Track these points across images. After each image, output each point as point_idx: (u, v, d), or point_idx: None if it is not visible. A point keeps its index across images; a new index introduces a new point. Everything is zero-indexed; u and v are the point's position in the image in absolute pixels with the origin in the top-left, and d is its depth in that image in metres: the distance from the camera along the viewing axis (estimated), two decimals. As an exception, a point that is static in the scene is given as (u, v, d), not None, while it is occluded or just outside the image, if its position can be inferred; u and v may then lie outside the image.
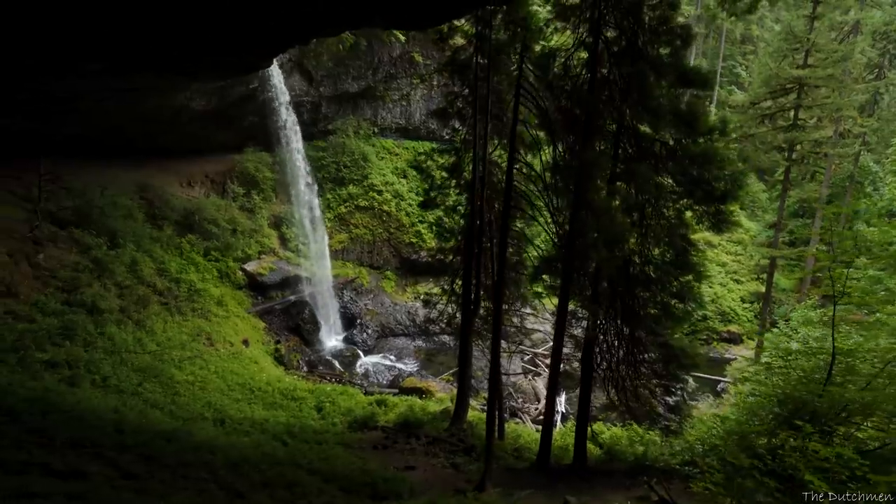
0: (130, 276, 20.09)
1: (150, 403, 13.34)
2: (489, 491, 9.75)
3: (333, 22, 10.71)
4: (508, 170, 11.16)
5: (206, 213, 26.39)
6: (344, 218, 32.51)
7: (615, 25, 11.36)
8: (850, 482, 4.89)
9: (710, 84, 11.13)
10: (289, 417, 15.23)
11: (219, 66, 12.48)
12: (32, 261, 17.31)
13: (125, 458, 7.59)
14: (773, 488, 5.26)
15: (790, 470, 5.65)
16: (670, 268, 11.43)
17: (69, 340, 14.51)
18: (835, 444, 7.61)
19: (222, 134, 28.59)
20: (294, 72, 30.13)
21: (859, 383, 8.39)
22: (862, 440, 8.20)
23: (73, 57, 11.71)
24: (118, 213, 22.17)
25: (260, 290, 27.06)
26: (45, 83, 14.82)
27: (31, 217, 19.01)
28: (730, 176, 10.79)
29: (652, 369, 11.62)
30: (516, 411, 23.63)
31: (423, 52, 33.41)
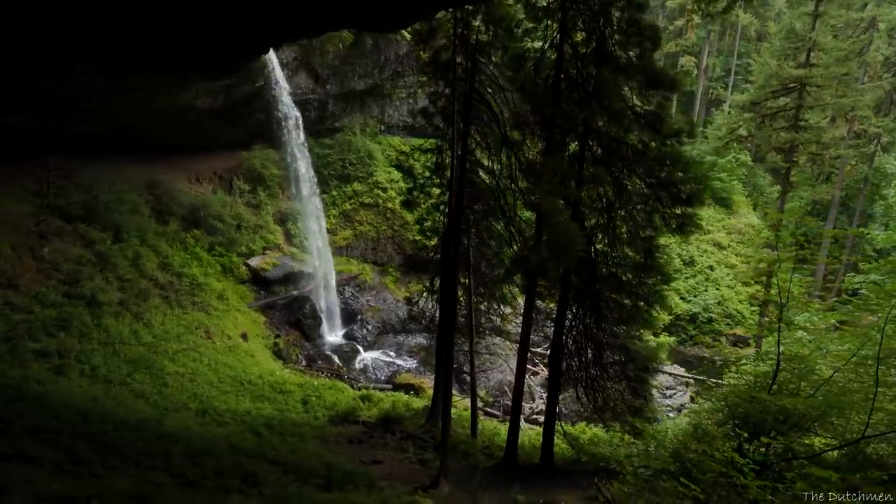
0: (133, 270, 20.80)
1: (136, 394, 13.89)
2: (443, 488, 9.93)
3: (303, 26, 10.99)
4: (461, 170, 11.29)
5: (212, 209, 27.05)
6: (349, 215, 32.96)
7: (584, 27, 11.35)
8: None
9: (678, 86, 11.03)
10: (273, 410, 15.65)
11: (199, 68, 12.90)
12: (37, 254, 18.09)
13: (81, 445, 8.01)
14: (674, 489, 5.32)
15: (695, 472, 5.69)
16: (635, 270, 11.41)
17: (64, 331, 15.16)
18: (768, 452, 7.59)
19: (230, 131, 29.22)
20: (300, 70, 30.59)
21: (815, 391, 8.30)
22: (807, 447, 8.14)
23: (66, 59, 12.29)
24: (124, 209, 22.91)
25: (263, 285, 27.64)
26: (45, 84, 15.53)
27: (39, 212, 19.84)
28: (695, 178, 10.70)
29: (620, 371, 11.62)
30: (509, 410, 23.69)
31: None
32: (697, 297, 34.72)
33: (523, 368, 12.28)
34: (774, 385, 8.54)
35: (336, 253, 31.47)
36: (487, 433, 15.35)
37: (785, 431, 8.07)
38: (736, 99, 30.94)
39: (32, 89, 15.80)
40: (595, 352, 11.96)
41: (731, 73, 46.30)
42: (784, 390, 8.68)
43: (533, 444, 14.02)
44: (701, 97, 45.25)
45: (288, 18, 9.97)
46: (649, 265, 11.42)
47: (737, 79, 44.56)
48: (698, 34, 45.55)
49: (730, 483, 5.26)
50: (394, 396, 18.57)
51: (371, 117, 35.04)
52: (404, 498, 9.09)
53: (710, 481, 5.44)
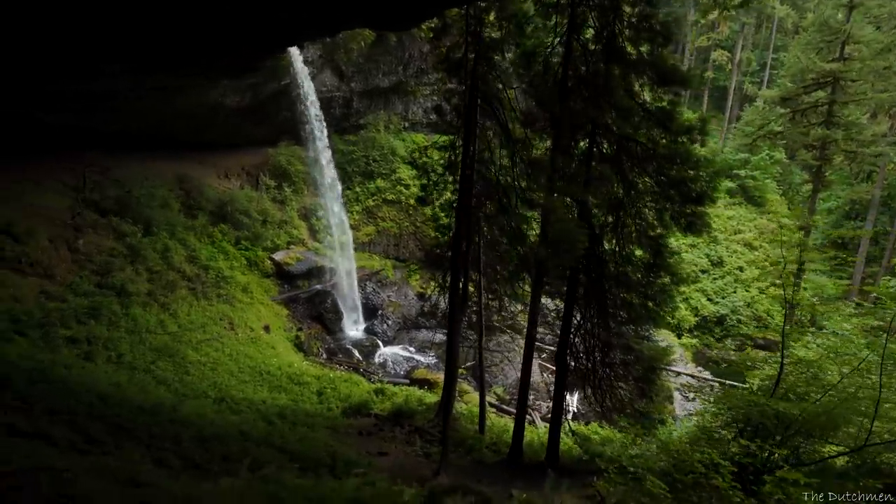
0: (161, 262, 21.63)
1: (158, 380, 14.51)
2: (442, 481, 10.06)
3: (314, 26, 11.25)
4: (464, 167, 11.35)
5: (239, 204, 27.83)
6: (372, 211, 33.37)
7: (594, 23, 11.24)
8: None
9: (690, 82, 10.82)
10: (288, 400, 16.09)
11: (216, 67, 13.35)
12: (72, 246, 19.04)
13: (96, 427, 8.47)
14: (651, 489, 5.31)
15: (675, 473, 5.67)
16: (644, 270, 11.27)
17: (94, 319, 15.94)
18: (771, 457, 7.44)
19: (257, 129, 30.01)
20: (325, 68, 31.11)
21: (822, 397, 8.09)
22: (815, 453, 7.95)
23: (93, 60, 12.93)
24: (155, 203, 23.83)
25: (287, 279, 28.29)
26: (78, 84, 16.32)
27: (75, 205, 20.86)
28: (706, 177, 10.50)
29: (627, 371, 11.52)
30: (526, 408, 23.65)
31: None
32: (725, 298, 33.83)
33: (529, 366, 12.30)
34: (780, 388, 8.36)
35: (358, 249, 31.94)
36: (497, 430, 15.41)
37: (789, 436, 7.90)
38: (766, 94, 29.86)
39: (67, 89, 16.66)
40: (602, 351, 11.88)
41: (767, 68, 44.72)
42: (792, 395, 8.48)
43: (541, 442, 14.01)
44: (734, 92, 43.90)
45: (298, 19, 10.24)
46: (658, 264, 11.27)
47: (772, 73, 42.98)
48: (732, 28, 44.17)
49: (710, 484, 5.22)
50: (407, 391, 18.82)
51: (395, 114, 35.38)
52: (383, 485, 9.21)
53: (690, 482, 5.41)
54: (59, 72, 14.01)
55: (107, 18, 9.22)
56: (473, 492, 6.93)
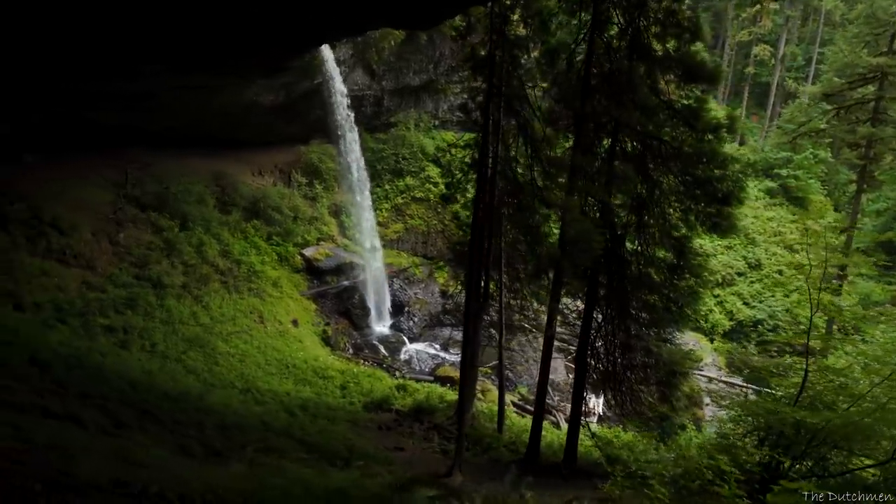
0: (196, 256, 22.41)
1: (188, 370, 15.07)
2: (455, 477, 10.12)
3: (339, 27, 11.46)
4: (481, 166, 11.34)
5: (271, 201, 28.52)
6: (400, 209, 33.64)
7: (619, 19, 11.04)
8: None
9: (718, 79, 10.50)
10: (311, 393, 16.44)
11: (247, 67, 13.75)
12: (113, 239, 19.95)
13: (125, 412, 8.88)
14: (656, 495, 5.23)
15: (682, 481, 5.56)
16: (667, 271, 11.02)
17: (131, 310, 16.67)
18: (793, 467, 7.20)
19: (290, 127, 30.66)
20: (357, 67, 31.50)
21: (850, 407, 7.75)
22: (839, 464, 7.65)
23: (132, 61, 13.51)
24: (191, 199, 24.68)
25: (316, 274, 28.84)
26: (120, 84, 17.05)
27: (117, 200, 21.84)
28: (733, 176, 10.19)
29: (647, 374, 11.30)
30: (551, 409, 23.50)
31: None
32: (763, 302, 32.66)
33: (547, 366, 12.21)
34: (805, 397, 8.05)
35: (387, 246, 32.27)
36: (516, 429, 15.36)
37: (814, 447, 7.61)
38: (808, 90, 28.50)
39: (110, 89, 17.44)
40: (623, 353, 11.68)
41: (812, 63, 42.76)
42: (820, 404, 8.16)
43: (561, 444, 13.88)
44: (776, 88, 42.19)
45: (323, 20, 10.44)
46: (682, 266, 11.00)
47: (818, 68, 41.06)
48: (775, 21, 42.42)
49: (715, 492, 5.10)
50: (429, 388, 18.94)
51: (425, 112, 35.56)
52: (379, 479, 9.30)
53: (696, 488, 5.29)
54: (102, 73, 14.70)
55: (142, 22, 9.63)
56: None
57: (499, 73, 12.97)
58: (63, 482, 2.48)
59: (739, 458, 6.27)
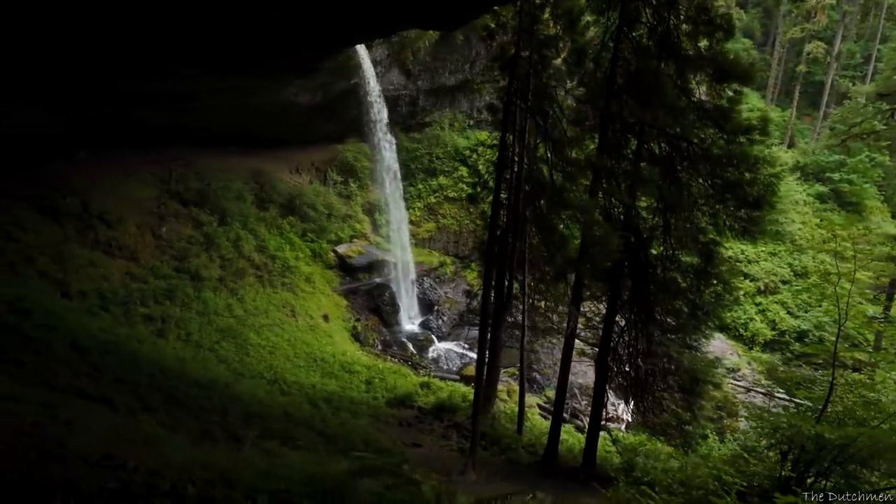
0: (233, 251, 23.23)
1: (219, 359, 15.67)
2: (469, 476, 10.15)
3: (367, 28, 11.68)
4: (500, 166, 11.30)
5: (307, 198, 29.24)
6: (433, 208, 33.85)
7: (648, 18, 10.81)
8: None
9: (752, 77, 10.12)
10: (336, 387, 16.80)
11: (279, 68, 14.19)
12: (156, 232, 20.92)
13: (154, 396, 9.35)
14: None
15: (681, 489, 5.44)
16: (693, 276, 10.72)
17: (169, 300, 17.47)
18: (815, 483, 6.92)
19: (327, 126, 31.35)
20: (392, 67, 31.90)
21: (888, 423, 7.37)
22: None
23: (173, 63, 14.16)
24: (230, 195, 25.59)
25: (348, 271, 29.38)
26: (164, 84, 17.86)
27: (161, 195, 22.89)
28: (764, 180, 9.82)
29: (667, 382, 11.03)
30: (578, 413, 23.21)
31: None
32: (808, 312, 31.18)
33: (566, 369, 12.08)
34: (832, 411, 7.71)
35: (418, 245, 32.54)
36: (537, 432, 15.24)
37: (841, 463, 7.28)
38: (861, 89, 26.93)
39: (154, 90, 18.29)
40: (645, 359, 11.44)
41: (871, 61, 40.40)
42: (850, 419, 7.79)
43: (582, 448, 13.68)
44: (831, 88, 40.08)
45: (349, 22, 10.67)
46: (709, 272, 10.68)
47: (878, 66, 38.76)
48: (832, 16, 40.31)
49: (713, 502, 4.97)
50: (453, 387, 19.02)
51: (460, 112, 35.66)
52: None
53: (700, 497, 5.17)
54: (144, 74, 15.46)
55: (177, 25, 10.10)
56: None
57: (525, 73, 12.93)
58: (56, 453, 2.70)
59: (748, 470, 6.06)
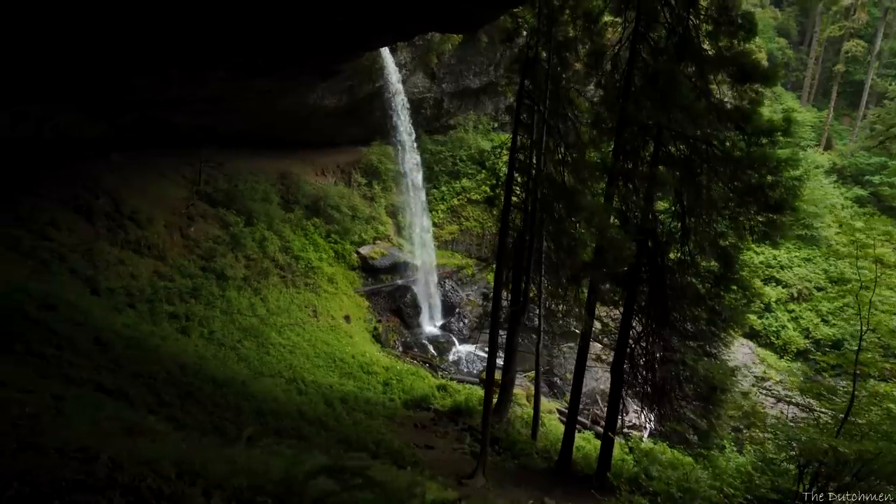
0: (258, 251, 23.72)
1: (240, 357, 16.00)
2: (477, 480, 10.09)
3: (386, 31, 11.76)
4: (510, 168, 11.22)
5: (331, 200, 29.63)
6: (456, 210, 33.88)
7: (667, 18, 10.58)
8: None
9: (774, 78, 9.80)
10: (354, 387, 16.94)
11: (300, 72, 14.44)
12: (184, 232, 21.53)
13: (170, 391, 9.62)
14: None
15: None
16: (712, 282, 10.42)
17: (194, 299, 17.94)
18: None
19: (352, 128, 31.77)
20: (417, 70, 32.06)
21: None
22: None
23: (200, 68, 14.57)
24: (257, 196, 26.14)
25: (371, 272, 29.63)
26: (194, 89, 18.37)
27: (190, 196, 23.55)
28: (786, 183, 9.49)
29: (683, 390, 10.74)
30: (598, 420, 22.81)
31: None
32: (845, 320, 29.91)
33: (581, 374, 11.90)
34: (854, 425, 7.37)
35: (441, 247, 32.59)
36: (552, 438, 15.03)
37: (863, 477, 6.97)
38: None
39: (186, 94, 18.84)
40: (661, 366, 11.17)
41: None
42: (875, 433, 7.44)
43: (596, 456, 13.45)
44: (871, 87, 38.39)
45: (367, 26, 10.77)
46: (729, 277, 10.37)
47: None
48: (872, 13, 38.66)
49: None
50: (470, 390, 18.94)
51: (484, 114, 35.61)
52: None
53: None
54: (173, 81, 15.96)
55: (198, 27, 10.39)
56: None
57: (542, 75, 12.83)
58: (35, 444, 2.80)
59: (752, 484, 5.84)
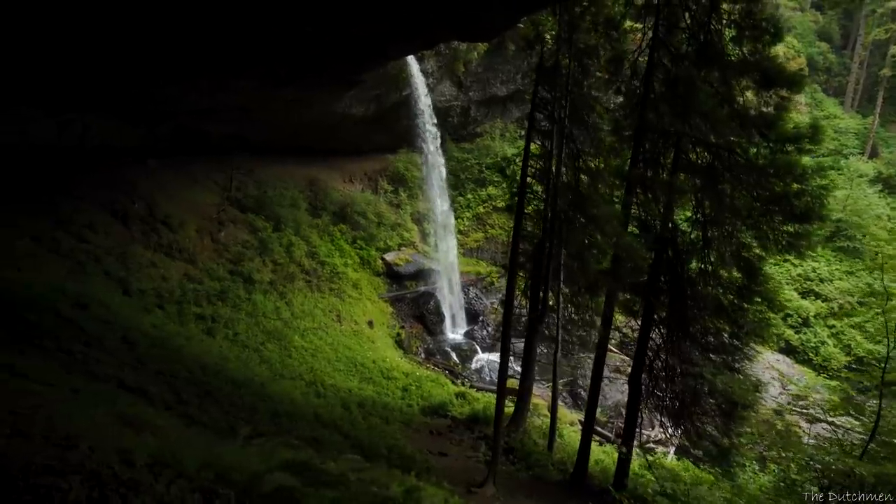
0: (285, 256, 24.23)
1: (262, 359, 16.32)
2: (487, 490, 9.99)
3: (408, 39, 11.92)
4: (523, 175, 11.14)
5: (358, 206, 30.07)
6: (481, 218, 33.86)
7: (688, 22, 10.39)
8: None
9: (801, 84, 9.47)
10: (372, 392, 17.04)
11: (322, 82, 14.77)
12: (214, 237, 22.20)
13: (189, 390, 9.89)
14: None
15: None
16: (735, 294, 10.09)
17: (221, 301, 18.44)
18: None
19: (379, 136, 32.20)
20: (444, 78, 32.33)
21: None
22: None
23: (226, 77, 15.07)
24: (285, 202, 26.73)
25: (395, 278, 29.85)
26: (224, 98, 19.01)
27: (221, 202, 24.29)
28: (813, 192, 9.14)
29: (697, 403, 10.40)
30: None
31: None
32: (891, 336, 28.39)
33: (597, 385, 11.70)
34: (879, 442, 7.01)
35: (466, 254, 32.59)
36: (570, 450, 14.75)
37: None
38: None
39: (217, 104, 19.53)
40: (681, 379, 10.85)
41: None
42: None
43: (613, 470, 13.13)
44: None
45: (387, 35, 10.96)
46: (752, 289, 10.03)
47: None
48: (922, 16, 36.96)
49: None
50: (489, 398, 18.79)
51: (511, 122, 35.57)
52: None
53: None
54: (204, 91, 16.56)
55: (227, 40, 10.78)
56: None
57: (562, 81, 12.78)
58: (27, 432, 2.95)
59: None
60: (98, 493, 2.09)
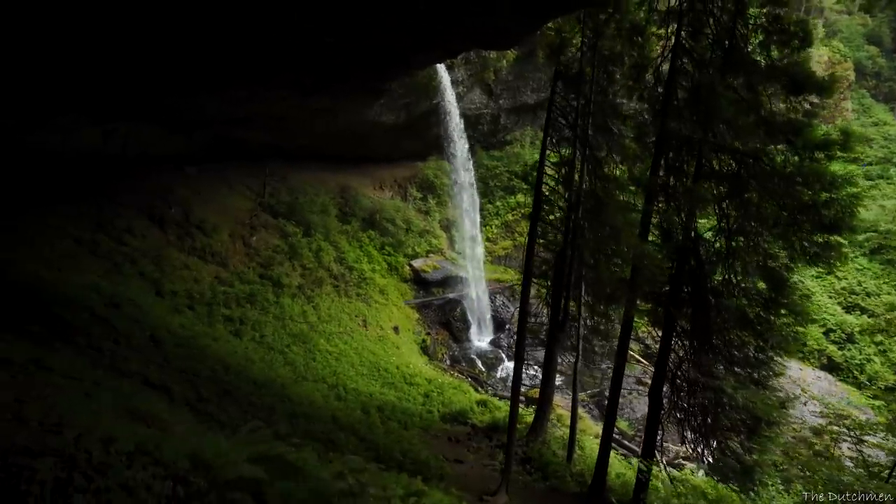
0: (314, 261, 24.71)
1: (287, 361, 16.66)
2: (499, 498, 9.89)
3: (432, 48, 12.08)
4: (538, 182, 11.02)
5: (387, 213, 30.41)
6: (510, 225, 33.71)
7: (712, 28, 10.16)
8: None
9: (830, 89, 9.10)
10: (394, 397, 17.13)
11: (347, 90, 15.10)
12: (246, 241, 22.87)
13: (210, 388, 10.20)
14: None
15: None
16: (761, 305, 9.73)
17: (250, 304, 18.95)
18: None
19: (409, 144, 32.58)
20: (474, 86, 32.51)
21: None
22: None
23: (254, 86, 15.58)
24: (316, 208, 27.31)
25: (422, 285, 29.99)
26: (261, 108, 19.64)
27: (254, 207, 25.02)
28: (843, 201, 8.75)
29: (716, 418, 10.04)
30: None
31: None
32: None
33: (616, 396, 11.42)
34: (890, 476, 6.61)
35: (494, 262, 32.46)
36: (590, 462, 14.41)
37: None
38: None
39: (251, 114, 20.23)
40: (704, 393, 10.50)
41: None
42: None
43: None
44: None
45: (409, 45, 11.14)
46: (779, 301, 9.65)
47: None
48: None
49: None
50: (510, 407, 18.59)
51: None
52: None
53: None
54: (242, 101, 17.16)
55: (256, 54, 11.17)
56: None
57: (586, 88, 12.68)
58: (23, 417, 3.14)
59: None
60: (66, 474, 2.21)
